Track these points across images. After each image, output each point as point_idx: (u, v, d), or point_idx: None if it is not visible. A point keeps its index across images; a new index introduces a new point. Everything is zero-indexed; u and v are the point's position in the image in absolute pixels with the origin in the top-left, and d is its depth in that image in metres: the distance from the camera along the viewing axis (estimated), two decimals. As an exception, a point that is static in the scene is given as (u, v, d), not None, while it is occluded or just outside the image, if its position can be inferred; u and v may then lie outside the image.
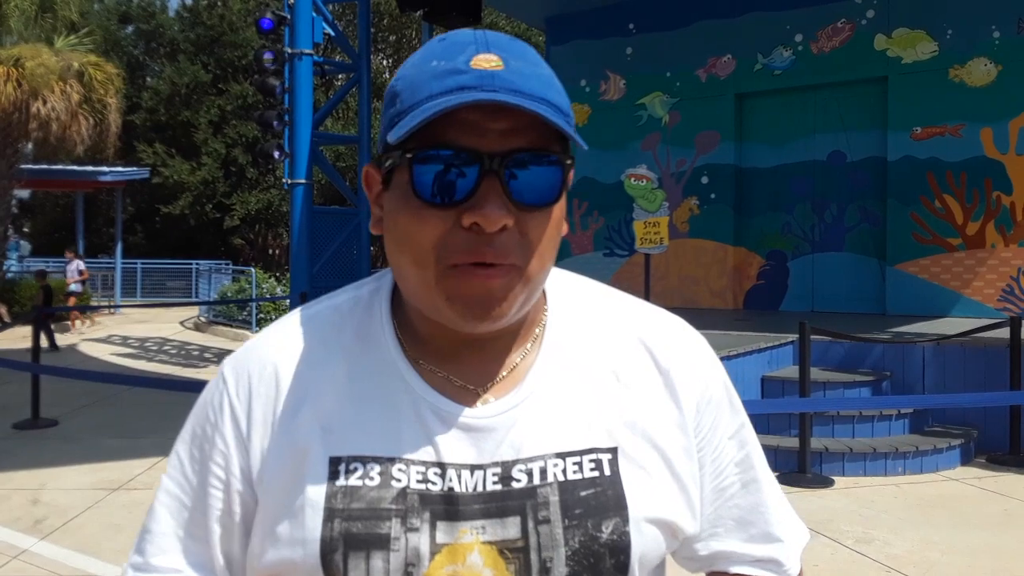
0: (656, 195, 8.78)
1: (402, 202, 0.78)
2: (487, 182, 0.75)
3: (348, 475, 0.80)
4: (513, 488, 0.80)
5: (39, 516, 5.08)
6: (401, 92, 0.77)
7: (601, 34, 11.60)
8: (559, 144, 0.79)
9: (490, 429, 0.81)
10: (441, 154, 0.75)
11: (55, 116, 14.89)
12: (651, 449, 0.84)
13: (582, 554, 0.79)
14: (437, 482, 0.79)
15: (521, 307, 0.80)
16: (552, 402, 0.84)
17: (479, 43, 0.77)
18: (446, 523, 0.78)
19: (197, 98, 25.90)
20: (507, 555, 0.79)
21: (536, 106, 0.73)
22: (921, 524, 4.93)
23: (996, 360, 6.52)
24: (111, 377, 8.37)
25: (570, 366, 0.86)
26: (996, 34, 9.03)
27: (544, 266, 0.80)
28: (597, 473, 0.81)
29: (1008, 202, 8.99)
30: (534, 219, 0.78)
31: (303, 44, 10.26)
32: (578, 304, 0.90)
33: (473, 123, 0.75)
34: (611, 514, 0.80)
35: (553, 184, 0.78)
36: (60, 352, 12.83)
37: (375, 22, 24.43)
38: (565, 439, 0.82)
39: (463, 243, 0.76)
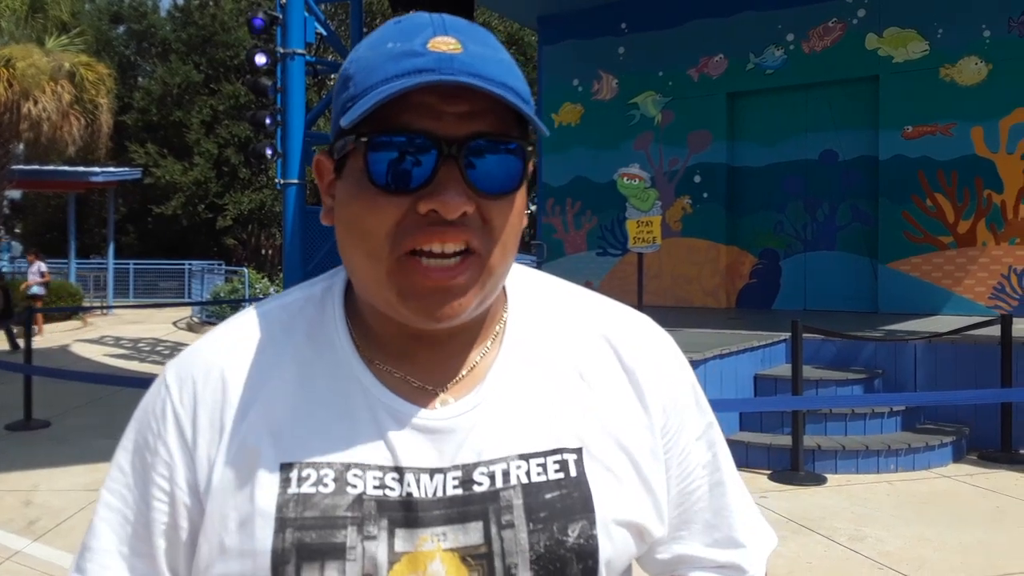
0: (649, 194, 8.80)
1: (355, 189, 0.74)
2: (445, 168, 0.71)
3: (301, 482, 0.75)
4: (475, 492, 0.76)
5: (32, 517, 5.07)
6: (355, 75, 0.74)
7: (593, 34, 11.62)
8: (518, 130, 0.75)
9: (449, 431, 0.77)
10: (396, 139, 0.71)
11: (46, 116, 14.84)
12: (618, 450, 0.81)
13: (547, 559, 0.75)
14: (395, 487, 0.75)
15: (481, 302, 0.77)
16: (514, 401, 0.80)
17: (436, 25, 0.73)
18: (405, 530, 0.74)
19: (189, 98, 25.85)
20: (470, 562, 0.75)
21: (497, 88, 0.70)
22: (914, 521, 4.95)
23: (987, 358, 6.55)
24: (104, 378, 8.34)
25: (532, 364, 0.82)
26: (987, 33, 9.07)
27: (506, 257, 0.77)
28: (562, 475, 0.78)
29: (999, 200, 9.03)
30: (496, 207, 0.74)
31: (295, 44, 10.25)
32: (540, 301, 0.86)
33: (430, 107, 0.71)
34: (577, 517, 0.77)
35: (514, 171, 0.74)
36: (50, 353, 12.78)
37: (367, 22, 24.39)
38: (528, 440, 0.79)
39: (421, 229, 0.72)
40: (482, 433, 0.78)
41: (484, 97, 0.71)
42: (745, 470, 5.84)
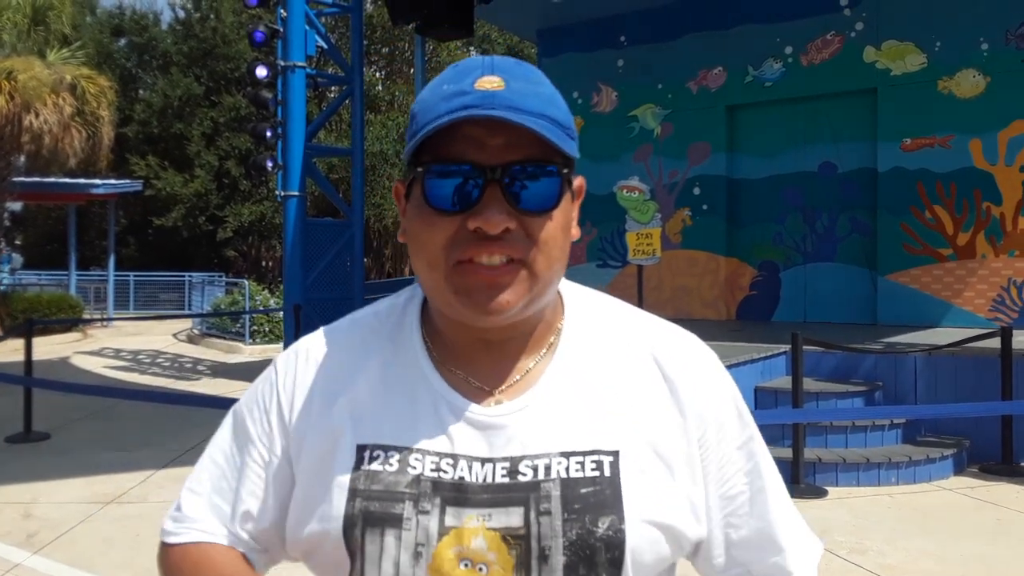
0: (648, 206, 8.83)
1: (417, 211, 0.87)
2: (490, 191, 0.83)
3: (371, 461, 0.88)
4: (519, 481, 0.86)
5: (31, 530, 5.05)
6: (417, 114, 0.87)
7: (593, 47, 11.66)
8: (560, 155, 0.86)
9: (501, 426, 0.89)
10: (449, 168, 0.84)
11: (47, 129, 14.87)
12: (653, 456, 0.89)
13: (579, 545, 0.84)
14: (449, 471, 0.87)
15: (528, 305, 0.87)
16: (560, 405, 0.90)
17: (485, 67, 0.86)
18: (455, 508, 0.86)
19: (190, 110, 25.91)
20: (509, 541, 0.85)
21: (528, 120, 0.81)
22: (915, 534, 4.94)
23: (987, 370, 6.55)
24: (104, 390, 8.34)
25: (580, 373, 0.92)
26: (984, 46, 9.11)
27: (551, 266, 0.87)
28: (598, 473, 0.87)
29: (998, 212, 9.05)
30: (536, 222, 0.85)
31: (296, 56, 10.30)
32: (593, 316, 0.97)
33: (476, 138, 0.83)
34: (608, 511, 0.85)
35: (550, 191, 0.85)
36: (50, 365, 12.77)
37: (368, 34, 24.48)
38: (570, 440, 0.88)
39: (469, 243, 0.84)
40: (529, 430, 0.89)
41: (525, 127, 0.82)
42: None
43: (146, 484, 6.09)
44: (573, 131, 0.88)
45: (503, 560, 0.85)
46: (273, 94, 10.29)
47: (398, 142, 24.47)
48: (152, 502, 5.64)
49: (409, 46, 25.62)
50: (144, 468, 6.49)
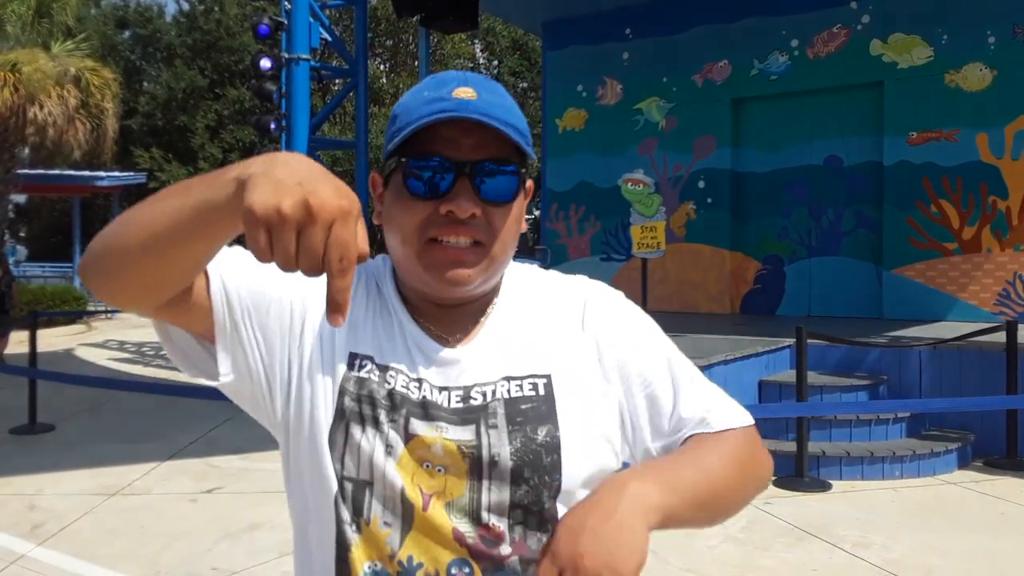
0: (653, 200, 8.79)
1: (397, 196, 1.03)
2: (460, 182, 0.99)
3: (360, 369, 1.03)
4: (471, 405, 1.02)
5: (36, 521, 5.07)
6: (399, 115, 1.02)
7: (598, 39, 11.63)
8: (518, 157, 1.02)
9: (455, 361, 1.05)
10: (428, 162, 0.99)
11: (52, 121, 14.87)
12: (579, 376, 1.06)
13: (523, 452, 1.00)
14: (415, 392, 1.03)
15: (484, 281, 1.04)
16: (502, 342, 1.08)
17: (460, 80, 1.02)
18: (419, 421, 1.01)
19: (194, 103, 25.92)
20: (463, 450, 1.00)
21: (498, 125, 0.97)
22: (918, 528, 4.93)
23: (992, 364, 6.53)
24: (108, 382, 8.36)
25: (518, 318, 1.10)
26: (991, 39, 9.06)
27: (505, 250, 1.04)
28: (534, 393, 1.04)
29: (1004, 207, 9.02)
30: (497, 212, 1.02)
31: (300, 49, 10.28)
32: (528, 278, 1.16)
33: (452, 138, 0.99)
34: (545, 422, 1.02)
35: (510, 186, 1.02)
36: (54, 357, 12.80)
37: (372, 27, 24.44)
38: (510, 367, 1.05)
39: (441, 224, 1.00)
40: (477, 363, 1.06)
41: (491, 132, 0.98)
42: (749, 476, 5.81)
43: (150, 476, 6.10)
44: (530, 139, 1.03)
45: (457, 465, 0.99)
46: (277, 87, 10.28)
47: (402, 135, 24.49)
48: (156, 494, 5.65)
49: (413, 39, 25.58)
50: (148, 460, 6.51)
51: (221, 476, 6.12)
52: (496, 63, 28.99)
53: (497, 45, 27.74)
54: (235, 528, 4.93)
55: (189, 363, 1.05)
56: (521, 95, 29.27)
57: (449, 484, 0.99)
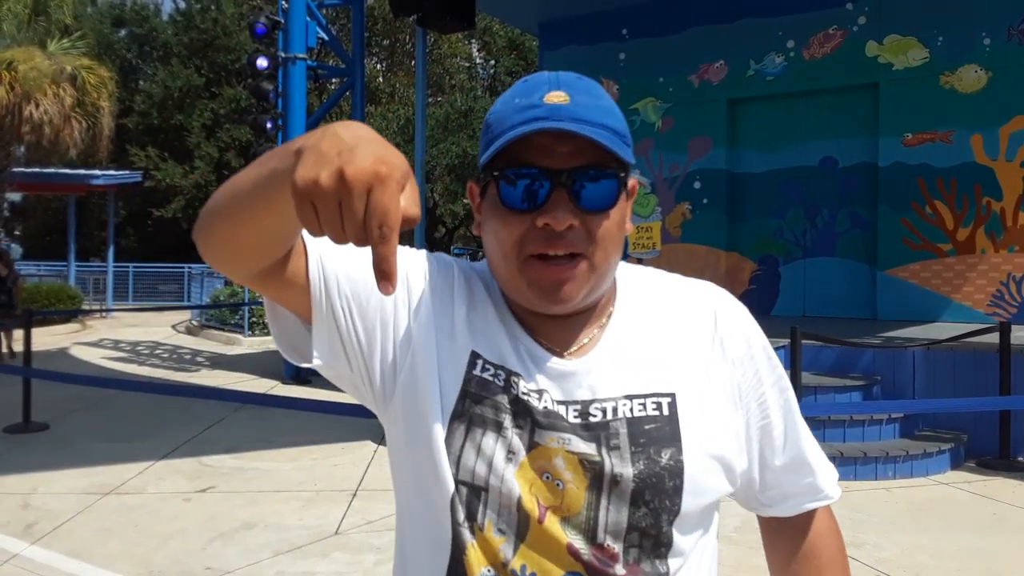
0: (649, 200, 8.82)
1: (493, 210, 0.99)
2: (556, 192, 0.95)
3: (483, 371, 1.01)
4: (590, 422, 0.99)
5: (30, 520, 5.07)
6: (492, 124, 0.99)
7: (594, 39, 11.63)
8: (616, 160, 0.97)
9: (571, 374, 1.01)
10: (521, 172, 0.95)
11: (48, 119, 14.85)
12: (704, 397, 1.03)
13: (646, 474, 0.96)
14: (536, 400, 0.99)
15: (589, 292, 1.00)
16: (621, 357, 1.03)
17: (552, 83, 0.98)
18: (540, 430, 0.98)
19: (190, 102, 25.89)
20: (585, 465, 0.97)
21: (590, 131, 0.93)
22: (911, 528, 4.95)
23: (986, 365, 6.55)
24: (103, 381, 8.35)
25: (636, 332, 1.05)
26: (987, 41, 9.09)
27: (608, 258, 0.99)
28: (658, 413, 1.00)
29: (998, 208, 9.04)
30: (596, 220, 0.97)
31: (297, 48, 10.27)
32: (646, 283, 1.11)
33: (546, 147, 0.95)
34: (668, 444, 0.98)
35: (609, 193, 0.97)
36: (49, 356, 12.79)
37: (369, 26, 24.43)
38: (632, 385, 1.01)
39: (538, 238, 0.95)
40: (596, 378, 1.01)
41: (587, 138, 0.93)
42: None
43: (145, 475, 6.10)
44: (629, 139, 0.99)
45: (578, 480, 0.96)
46: (274, 86, 10.28)
47: (399, 134, 24.44)
48: (150, 493, 5.65)
49: (410, 38, 25.58)
50: (143, 459, 6.50)
51: (215, 475, 6.12)
52: (492, 63, 28.99)
53: (494, 45, 27.74)
54: (229, 527, 4.93)
55: (287, 342, 1.03)
56: (518, 95, 29.23)
57: (567, 499, 0.96)
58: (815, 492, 1.14)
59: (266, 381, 10.44)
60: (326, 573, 4.28)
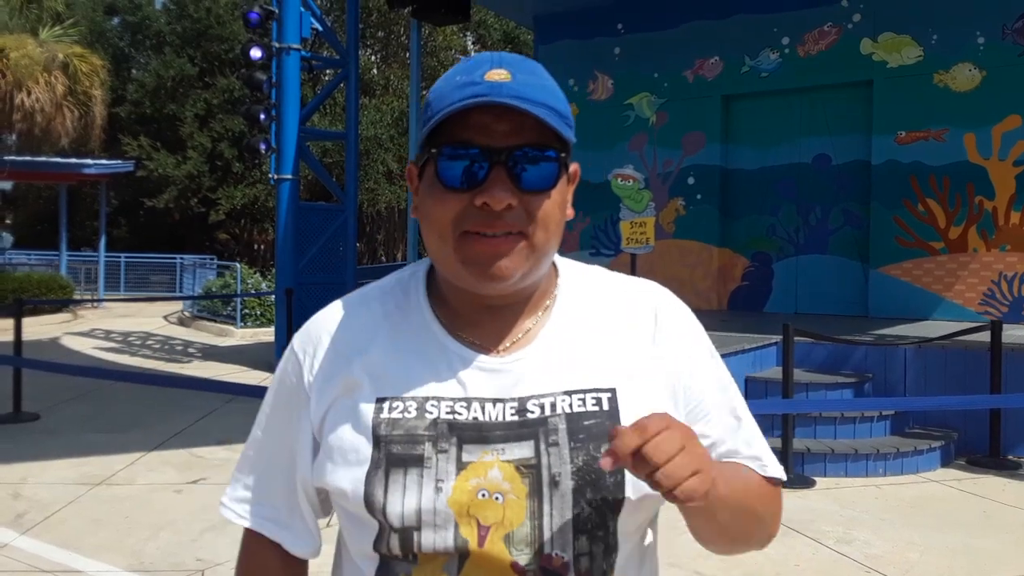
0: (642, 195, 8.82)
1: (430, 189, 0.97)
2: (495, 171, 0.93)
3: (391, 410, 0.98)
4: (528, 419, 0.96)
5: (20, 510, 5.05)
6: (432, 101, 0.96)
7: (589, 34, 11.62)
8: (558, 141, 0.95)
9: (508, 371, 0.99)
10: (459, 150, 0.93)
11: (39, 107, 14.78)
12: (644, 392, 1.01)
13: (585, 471, 0.94)
14: (463, 413, 0.97)
15: (527, 273, 0.97)
16: (560, 352, 1.01)
17: (494, 61, 0.95)
18: (471, 445, 0.95)
19: (183, 91, 25.76)
20: (522, 470, 0.94)
21: (532, 107, 0.91)
22: (901, 525, 4.97)
23: (977, 363, 6.58)
24: (94, 371, 8.33)
25: (577, 326, 1.03)
26: (981, 40, 9.11)
27: (548, 238, 0.97)
28: (598, 408, 0.98)
29: (990, 207, 9.07)
30: (536, 200, 0.95)
31: (291, 39, 10.23)
32: (586, 279, 1.09)
33: (485, 125, 0.93)
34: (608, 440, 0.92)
35: (549, 173, 0.95)
36: (40, 345, 12.73)
37: (363, 18, 24.35)
38: (571, 380, 0.99)
39: (476, 217, 0.93)
40: (534, 374, 0.99)
41: (528, 115, 0.92)
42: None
43: (135, 466, 6.09)
44: (571, 120, 0.96)
45: (517, 489, 0.94)
46: (267, 76, 10.23)
47: (392, 127, 24.38)
48: (141, 484, 5.64)
49: (405, 30, 25.49)
50: (133, 450, 6.49)
51: (206, 467, 6.11)
52: (487, 56, 28.88)
53: (488, 38, 27.67)
54: (219, 519, 4.89)
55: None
56: (512, 88, 29.19)
57: (508, 512, 0.94)
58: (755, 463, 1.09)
59: (258, 372, 10.42)
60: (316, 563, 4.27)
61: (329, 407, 1.02)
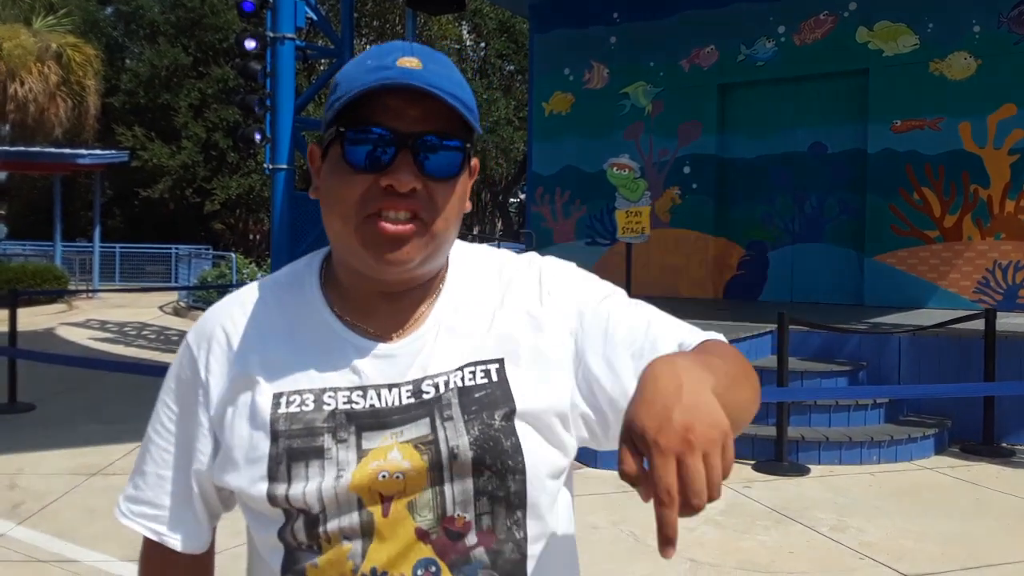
0: (638, 184, 8.81)
1: (335, 169, 0.97)
2: (402, 155, 0.93)
3: (288, 405, 0.98)
4: (423, 399, 0.98)
5: (16, 501, 5.05)
6: (340, 82, 0.96)
7: (585, 23, 11.59)
8: (464, 132, 0.96)
9: (401, 355, 1.00)
10: (368, 131, 0.94)
11: (33, 98, 14.72)
12: (532, 357, 1.01)
13: (482, 439, 0.95)
14: (360, 402, 0.98)
15: (426, 259, 0.98)
16: (450, 331, 1.02)
17: (405, 49, 0.96)
18: (370, 432, 0.96)
19: (177, 81, 25.64)
20: (421, 448, 0.95)
21: (444, 96, 0.92)
22: (895, 512, 5.00)
23: (971, 351, 6.61)
24: (89, 362, 8.32)
25: (464, 305, 1.05)
26: (976, 28, 9.10)
27: (447, 226, 0.98)
28: (487, 380, 0.99)
29: (985, 195, 9.08)
30: (439, 188, 0.96)
31: (285, 28, 10.18)
32: (473, 259, 1.10)
33: (395, 108, 0.94)
34: (501, 407, 0.97)
35: (454, 162, 0.96)
36: (35, 336, 12.71)
37: (358, 7, 24.25)
38: (461, 356, 1.01)
39: (380, 198, 0.94)
40: (426, 355, 1.01)
41: (437, 104, 0.93)
42: (729, 460, 5.87)
43: (131, 456, 6.09)
44: (476, 113, 0.97)
45: (417, 465, 0.94)
46: (262, 66, 10.18)
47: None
48: (138, 474, 5.64)
49: (400, 20, 25.40)
50: (129, 440, 6.48)
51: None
52: (483, 45, 28.84)
53: (484, 27, 27.59)
54: (217, 508, 4.93)
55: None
56: (508, 78, 29.16)
57: (409, 485, 0.94)
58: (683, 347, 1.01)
59: (254, 363, 10.39)
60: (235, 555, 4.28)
61: (226, 404, 1.01)
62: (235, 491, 1.00)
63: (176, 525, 1.07)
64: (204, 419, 1.04)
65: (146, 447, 1.10)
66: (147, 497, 1.08)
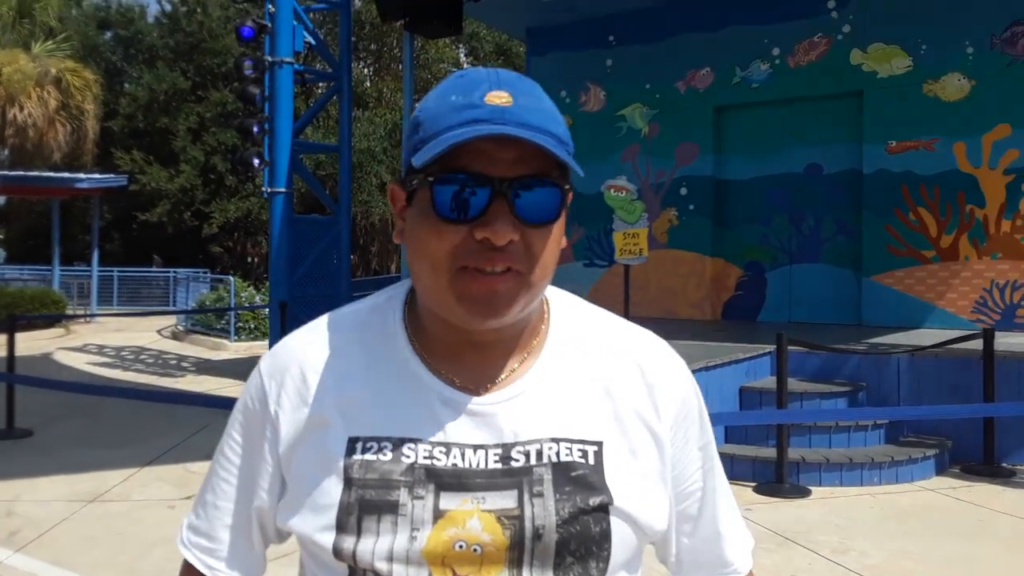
0: (635, 206, 8.85)
1: (423, 217, 0.90)
2: (496, 203, 0.86)
3: (364, 452, 0.92)
4: (512, 467, 0.91)
5: (13, 528, 5.02)
6: (424, 122, 0.89)
7: (582, 46, 11.67)
8: (558, 169, 0.89)
9: (492, 415, 0.93)
10: (458, 178, 0.86)
11: (32, 122, 14.78)
12: (630, 450, 0.96)
13: (571, 523, 0.89)
14: (442, 459, 0.91)
15: (522, 310, 0.92)
16: (547, 396, 0.95)
17: (492, 81, 0.89)
18: (449, 493, 0.89)
19: (176, 105, 25.75)
20: (504, 522, 0.89)
21: (539, 138, 0.84)
22: (897, 534, 4.98)
23: (970, 371, 6.60)
24: (87, 387, 8.29)
25: (565, 370, 0.97)
26: (970, 50, 9.17)
27: (545, 275, 0.92)
28: (584, 460, 0.92)
29: (981, 215, 9.12)
30: (537, 234, 0.89)
31: (283, 52, 10.25)
32: (577, 320, 1.02)
33: (486, 152, 0.86)
34: (596, 492, 0.91)
35: (552, 205, 0.89)
36: (33, 361, 12.68)
37: (356, 31, 24.40)
38: (558, 427, 0.94)
39: (474, 252, 0.87)
40: (519, 419, 0.93)
41: (532, 144, 0.85)
42: (730, 482, 5.83)
43: (129, 482, 6.06)
44: (571, 146, 0.91)
45: (497, 541, 0.88)
46: (260, 90, 10.24)
47: (386, 139, 24.40)
48: (135, 500, 5.61)
49: (398, 43, 25.56)
50: (127, 466, 6.45)
51: (200, 482, 6.06)
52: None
53: (481, 50, 27.76)
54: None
55: None
56: (505, 100, 29.22)
57: (485, 565, 0.88)
58: (724, 565, 1.07)
59: (252, 386, 10.36)
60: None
61: (296, 444, 0.96)
62: (299, 537, 0.95)
63: (232, 561, 1.03)
64: (269, 456, 0.99)
65: (210, 475, 1.06)
66: (205, 528, 1.05)
